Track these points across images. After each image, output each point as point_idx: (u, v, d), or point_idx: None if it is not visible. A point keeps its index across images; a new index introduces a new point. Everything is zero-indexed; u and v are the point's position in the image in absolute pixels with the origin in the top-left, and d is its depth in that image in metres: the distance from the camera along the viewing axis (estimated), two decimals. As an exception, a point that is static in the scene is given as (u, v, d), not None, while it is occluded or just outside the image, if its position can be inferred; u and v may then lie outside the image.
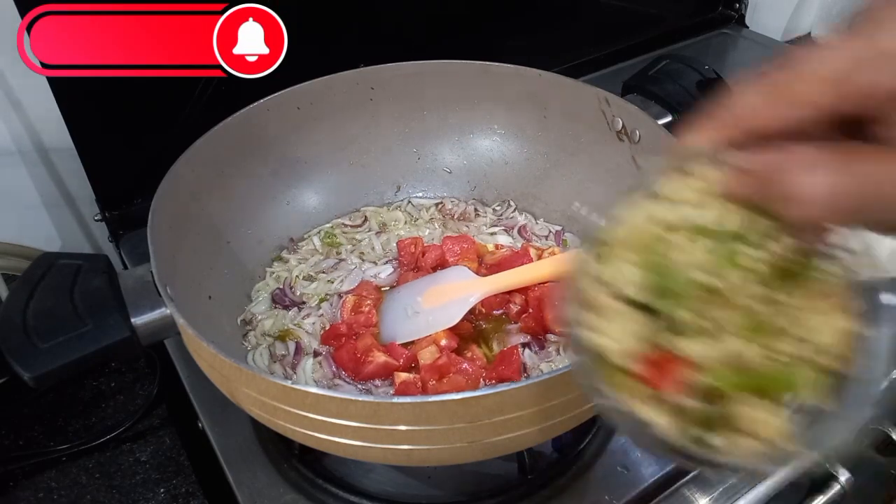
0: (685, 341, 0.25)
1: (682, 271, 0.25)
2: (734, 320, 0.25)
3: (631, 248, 0.26)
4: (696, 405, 0.25)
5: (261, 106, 0.61)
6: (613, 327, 0.26)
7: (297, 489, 0.52)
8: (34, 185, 0.73)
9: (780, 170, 0.23)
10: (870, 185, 0.21)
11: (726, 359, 0.25)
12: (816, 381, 0.25)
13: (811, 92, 0.22)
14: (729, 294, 0.25)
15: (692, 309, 0.25)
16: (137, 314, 0.46)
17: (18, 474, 0.58)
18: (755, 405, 0.25)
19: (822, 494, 0.68)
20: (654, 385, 0.25)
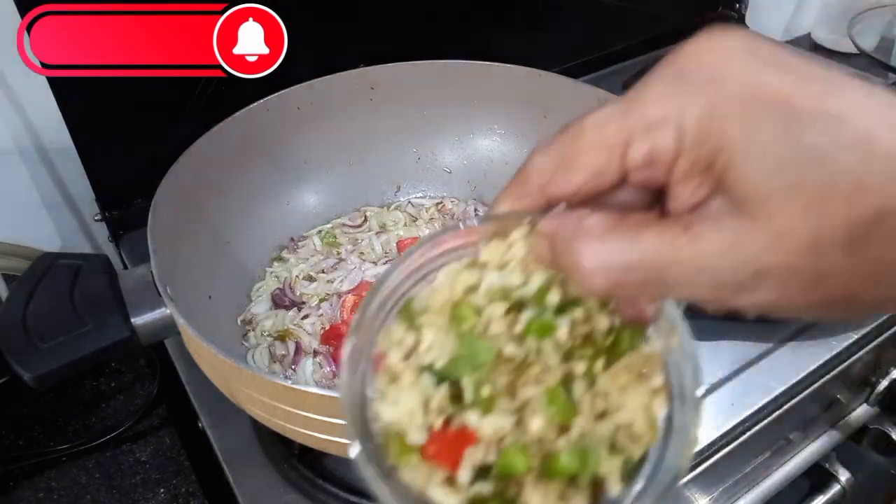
0: (481, 418, 0.23)
1: (488, 342, 0.24)
2: (537, 396, 0.23)
3: (441, 315, 0.25)
4: (487, 489, 0.23)
5: (261, 106, 0.61)
6: (406, 398, 0.24)
7: (297, 489, 0.52)
8: (34, 185, 0.73)
9: (564, 237, 0.22)
10: (648, 260, 0.21)
11: (522, 439, 0.23)
12: (615, 463, 0.24)
13: (592, 160, 0.22)
14: (535, 368, 0.24)
15: (494, 383, 0.23)
16: (137, 314, 0.46)
17: (18, 474, 0.58)
18: (545, 490, 0.23)
19: (822, 494, 0.68)
20: (444, 464, 0.23)
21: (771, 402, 0.58)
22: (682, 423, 0.24)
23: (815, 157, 0.19)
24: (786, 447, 0.65)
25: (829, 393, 0.64)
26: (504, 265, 0.25)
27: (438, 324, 0.25)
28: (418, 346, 0.25)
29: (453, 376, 0.24)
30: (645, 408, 0.24)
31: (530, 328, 0.24)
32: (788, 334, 0.63)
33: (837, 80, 0.19)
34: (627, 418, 0.24)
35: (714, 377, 0.59)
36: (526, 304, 0.24)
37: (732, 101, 0.20)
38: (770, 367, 0.60)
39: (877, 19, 1.04)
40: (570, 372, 0.24)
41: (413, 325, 0.25)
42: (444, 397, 0.24)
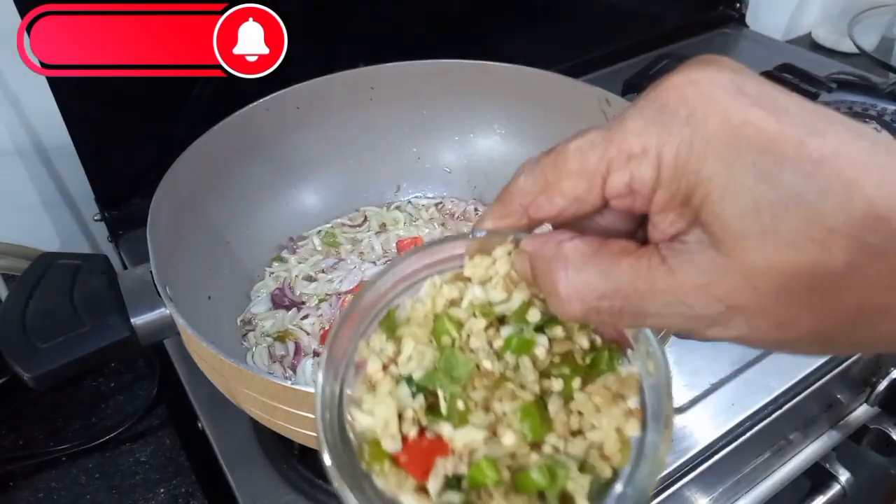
0: (454, 430, 0.24)
1: (467, 355, 0.24)
2: (512, 411, 0.24)
3: (422, 327, 0.25)
4: (457, 499, 0.23)
5: (260, 106, 0.61)
6: (383, 406, 0.24)
7: (296, 489, 0.52)
8: (33, 184, 0.73)
9: (544, 258, 0.23)
10: (624, 290, 0.21)
11: (494, 452, 0.23)
12: (585, 481, 0.24)
13: (573, 187, 0.22)
14: (512, 383, 0.24)
15: (470, 397, 0.24)
16: (137, 314, 0.46)
17: (18, 474, 0.58)
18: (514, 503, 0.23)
19: (822, 495, 0.68)
20: (416, 473, 0.24)
21: (771, 402, 0.58)
22: (652, 447, 0.24)
23: (792, 201, 0.19)
24: (786, 447, 0.65)
25: (830, 393, 0.64)
26: (487, 281, 0.25)
27: (419, 335, 0.25)
28: (398, 357, 0.25)
29: (430, 388, 0.24)
30: (618, 429, 0.24)
31: (509, 344, 0.24)
32: (788, 334, 0.63)
33: (823, 121, 0.19)
34: (600, 438, 0.24)
35: (714, 377, 0.59)
36: (506, 321, 0.24)
37: (712, 139, 0.20)
38: (770, 366, 0.60)
39: (877, 19, 1.04)
40: (546, 389, 0.24)
41: (394, 335, 0.25)
42: (420, 408, 0.24)
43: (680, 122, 0.20)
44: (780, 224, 0.19)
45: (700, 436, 0.55)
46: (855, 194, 0.18)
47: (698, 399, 0.58)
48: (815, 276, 0.19)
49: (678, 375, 0.60)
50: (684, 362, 0.61)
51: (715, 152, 0.19)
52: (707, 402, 0.57)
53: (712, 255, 0.20)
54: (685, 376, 0.60)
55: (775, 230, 0.19)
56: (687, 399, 0.58)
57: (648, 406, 0.24)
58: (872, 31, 1.03)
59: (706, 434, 0.55)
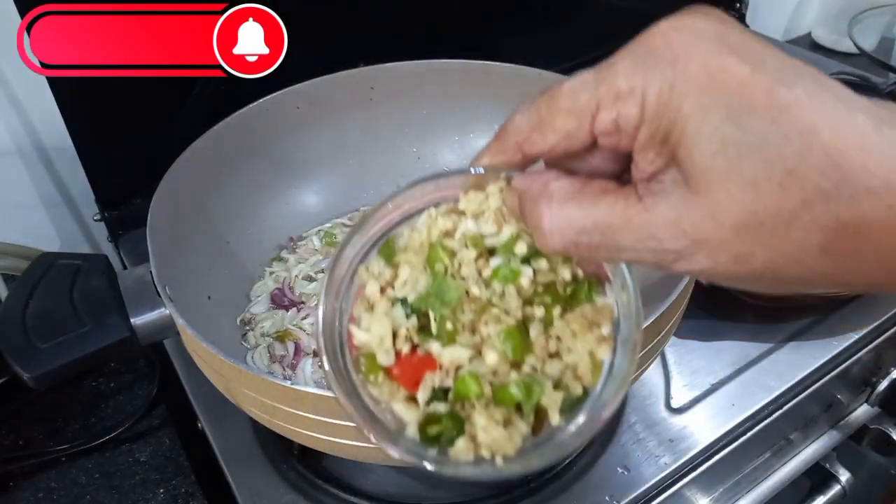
0: (443, 348, 0.26)
1: (457, 282, 0.26)
2: (496, 334, 0.26)
3: (418, 254, 0.27)
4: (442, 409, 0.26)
5: (260, 106, 0.61)
6: (379, 324, 0.27)
7: (296, 490, 0.52)
8: (33, 184, 0.73)
9: (531, 196, 0.25)
10: (601, 225, 0.23)
11: (477, 369, 0.26)
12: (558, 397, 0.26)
13: (564, 124, 0.24)
14: (497, 309, 0.26)
15: (458, 319, 0.26)
16: (137, 314, 0.46)
17: (18, 474, 0.58)
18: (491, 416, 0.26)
19: (822, 495, 0.68)
20: (406, 384, 0.27)
21: (771, 402, 0.58)
22: (620, 370, 0.26)
23: (756, 143, 0.20)
24: (786, 447, 0.65)
25: (830, 393, 0.64)
26: (479, 215, 0.27)
27: (415, 262, 0.27)
28: (395, 281, 0.28)
29: (423, 309, 0.27)
30: (591, 353, 0.26)
31: (497, 273, 0.26)
32: (789, 334, 0.63)
33: (793, 73, 0.21)
34: (574, 360, 0.26)
35: (714, 377, 0.59)
36: (496, 252, 0.27)
37: (691, 81, 0.21)
38: (770, 367, 0.60)
39: (877, 19, 1.04)
40: (528, 315, 0.27)
41: (391, 261, 0.28)
42: (412, 327, 0.27)
43: (664, 65, 0.22)
44: (744, 165, 0.21)
45: (700, 436, 0.55)
46: (813, 141, 0.20)
47: (698, 399, 0.58)
48: (770, 214, 0.21)
49: (678, 376, 0.60)
50: (684, 362, 0.61)
51: (693, 94, 0.21)
52: (707, 402, 0.57)
53: (683, 193, 0.22)
54: (685, 376, 0.60)
55: (739, 170, 0.21)
56: (687, 399, 0.58)
57: (620, 334, 0.27)
58: (872, 31, 1.03)
59: (706, 434, 0.55)
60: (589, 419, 0.26)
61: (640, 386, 0.59)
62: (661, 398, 0.58)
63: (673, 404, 0.57)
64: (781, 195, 0.20)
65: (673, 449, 0.54)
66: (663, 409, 0.57)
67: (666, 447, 0.54)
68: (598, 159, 0.25)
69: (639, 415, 0.56)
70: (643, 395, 0.58)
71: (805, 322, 0.64)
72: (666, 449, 0.54)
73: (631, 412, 0.57)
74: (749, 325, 0.64)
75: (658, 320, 0.41)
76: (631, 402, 0.58)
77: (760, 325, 0.63)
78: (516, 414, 0.26)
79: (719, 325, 0.63)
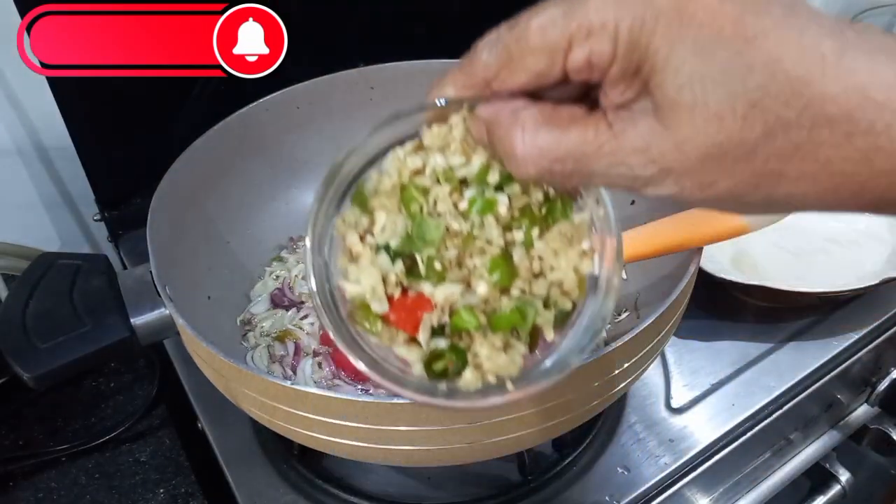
0: (434, 288, 0.27)
1: (435, 219, 0.27)
2: (482, 265, 0.27)
3: (391, 197, 0.28)
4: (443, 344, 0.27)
5: (260, 105, 0.61)
6: (367, 275, 0.27)
7: (296, 490, 0.52)
8: (33, 184, 0.73)
9: (500, 124, 0.25)
10: (577, 151, 0.24)
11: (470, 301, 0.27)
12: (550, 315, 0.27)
13: (536, 63, 0.24)
14: (479, 240, 0.27)
15: (443, 255, 0.27)
16: (137, 314, 0.46)
17: (18, 474, 0.58)
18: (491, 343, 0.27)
19: (822, 495, 0.68)
20: (405, 328, 0.27)
21: (771, 402, 0.58)
22: (606, 280, 0.27)
23: (720, 77, 0.21)
24: (786, 447, 0.65)
25: (830, 393, 0.64)
26: (446, 147, 0.27)
27: (389, 206, 0.27)
28: (373, 228, 0.28)
29: (407, 252, 0.27)
30: (575, 268, 0.27)
31: (474, 205, 0.27)
32: (789, 334, 0.63)
33: (763, 1, 0.21)
34: (559, 277, 0.27)
35: (714, 377, 0.59)
36: (468, 183, 0.27)
37: (661, 15, 0.22)
38: (770, 367, 0.60)
39: (877, 19, 1.03)
40: (509, 241, 0.27)
41: (366, 208, 0.28)
42: (400, 272, 0.27)
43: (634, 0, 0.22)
44: (709, 98, 0.21)
45: (700, 436, 0.55)
46: (777, 71, 0.21)
47: (698, 399, 0.58)
48: (733, 145, 0.22)
49: (678, 376, 0.60)
50: (684, 362, 0.61)
51: (662, 27, 0.22)
52: (707, 402, 0.57)
53: (651, 123, 0.23)
54: (685, 376, 0.60)
55: (705, 104, 0.21)
56: (687, 399, 0.58)
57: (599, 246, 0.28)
58: (873, 31, 1.03)
59: (706, 434, 0.55)
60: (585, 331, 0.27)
61: (641, 386, 0.59)
62: (661, 398, 0.58)
63: (673, 404, 0.57)
64: (745, 127, 0.21)
65: (673, 449, 0.54)
66: (663, 409, 0.57)
67: (666, 447, 0.54)
68: (566, 89, 0.26)
69: (639, 415, 0.56)
70: (643, 395, 0.58)
71: (805, 322, 0.64)
72: (666, 449, 0.54)
73: (631, 412, 0.57)
74: (749, 325, 0.64)
75: (658, 320, 0.41)
76: (631, 402, 0.58)
77: (760, 326, 0.63)
78: (513, 337, 0.27)
79: (719, 325, 0.63)
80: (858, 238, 0.68)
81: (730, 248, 0.67)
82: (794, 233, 0.69)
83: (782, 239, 0.69)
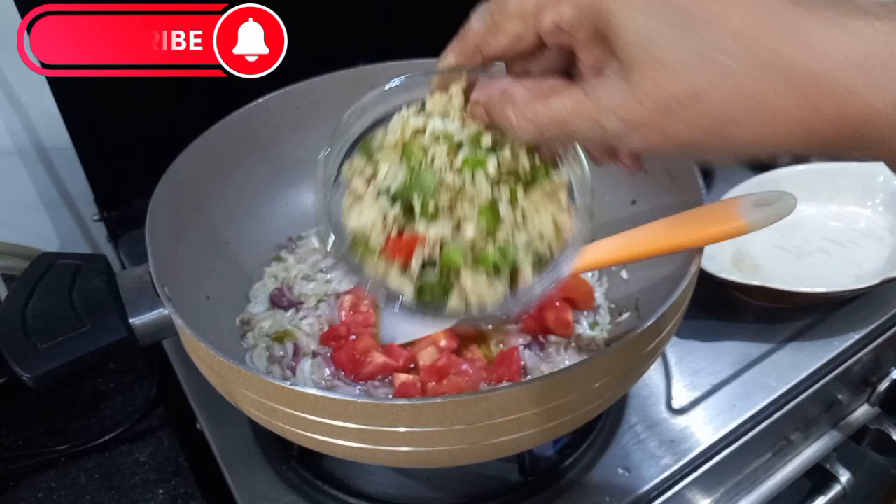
0: (427, 226, 0.32)
1: (432, 172, 0.32)
2: (471, 211, 0.32)
3: (395, 151, 0.33)
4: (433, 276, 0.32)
5: (260, 105, 0.61)
6: (369, 211, 0.32)
7: (296, 490, 0.52)
8: (33, 185, 0.73)
9: (495, 104, 0.30)
10: (559, 117, 0.28)
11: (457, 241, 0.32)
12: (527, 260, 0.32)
13: (513, 27, 0.29)
14: (468, 191, 0.32)
15: (436, 202, 0.32)
16: (136, 314, 0.46)
17: (18, 474, 0.58)
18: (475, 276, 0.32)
19: (822, 495, 0.68)
20: (399, 259, 0.32)
21: (772, 402, 0.57)
22: (580, 232, 0.33)
23: (670, 32, 0.24)
24: (787, 448, 0.65)
25: (830, 393, 0.64)
26: (446, 113, 0.32)
27: (392, 158, 0.33)
28: (376, 176, 0.33)
29: (405, 196, 0.32)
30: (554, 221, 0.33)
31: (467, 162, 0.32)
32: (789, 335, 0.63)
33: None
34: (540, 227, 0.32)
35: (715, 378, 0.59)
36: (463, 145, 0.32)
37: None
38: (771, 367, 0.60)
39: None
40: (496, 196, 0.32)
41: (371, 159, 0.33)
42: (398, 213, 0.32)
43: None
44: (662, 53, 0.24)
45: (701, 437, 0.55)
46: (726, 25, 0.23)
47: (699, 400, 0.57)
48: (683, 94, 0.24)
49: (679, 376, 0.60)
50: (685, 363, 0.61)
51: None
52: (708, 403, 0.57)
53: (618, 83, 0.25)
54: (686, 377, 0.60)
55: (659, 58, 0.24)
56: (688, 400, 0.58)
57: (576, 201, 0.33)
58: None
59: (707, 435, 0.55)
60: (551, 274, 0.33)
61: (641, 386, 0.59)
62: (661, 399, 0.58)
63: (674, 405, 0.57)
64: (692, 76, 0.24)
65: (674, 450, 0.54)
66: (664, 409, 0.57)
67: (667, 448, 0.54)
68: (550, 59, 0.30)
69: (639, 415, 0.56)
70: (644, 396, 0.58)
71: (805, 322, 0.64)
72: (667, 450, 0.54)
73: (632, 413, 0.57)
74: (749, 325, 0.64)
75: (659, 321, 0.41)
76: (632, 402, 0.57)
77: (761, 326, 0.63)
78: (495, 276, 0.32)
79: (720, 326, 0.63)
80: (858, 238, 0.68)
81: (730, 249, 0.67)
82: (794, 233, 0.69)
83: (782, 239, 0.69)
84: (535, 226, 0.32)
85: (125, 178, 0.70)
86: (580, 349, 0.56)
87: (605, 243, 0.48)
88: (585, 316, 0.59)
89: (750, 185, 0.69)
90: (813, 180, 0.71)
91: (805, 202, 0.70)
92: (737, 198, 0.42)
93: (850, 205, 0.71)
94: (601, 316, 0.59)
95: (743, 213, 0.41)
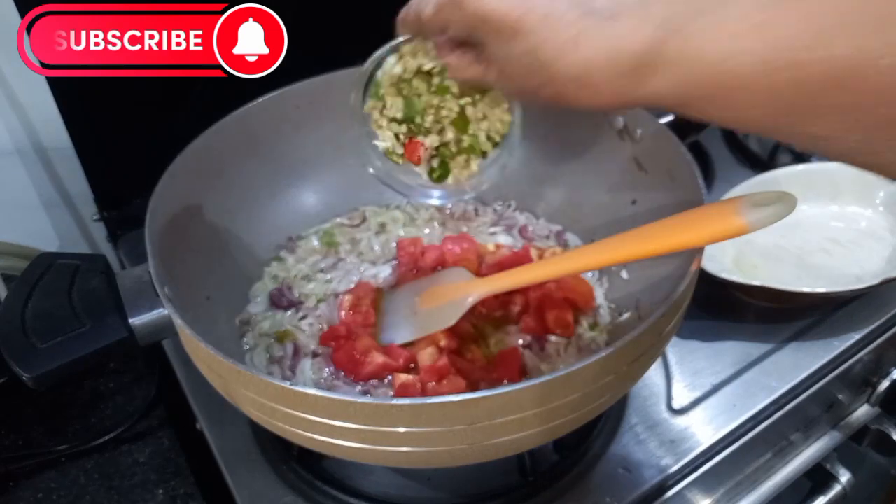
0: (426, 137, 0.49)
1: (420, 98, 0.47)
2: (449, 122, 0.48)
3: (392, 88, 0.48)
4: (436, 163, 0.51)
5: (259, 105, 0.61)
6: (387, 135, 0.50)
7: (295, 491, 0.52)
8: (33, 184, 0.73)
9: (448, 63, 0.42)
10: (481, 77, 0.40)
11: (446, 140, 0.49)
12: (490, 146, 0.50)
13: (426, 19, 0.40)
14: (445, 108, 0.48)
15: (426, 119, 0.48)
16: (135, 315, 0.46)
17: (18, 474, 0.58)
18: (461, 159, 0.50)
19: (822, 495, 0.68)
20: (412, 158, 0.50)
21: (772, 402, 0.57)
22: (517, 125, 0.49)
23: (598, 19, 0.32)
24: (787, 448, 0.65)
25: (831, 393, 0.64)
26: (417, 53, 0.46)
27: (392, 93, 0.48)
28: (385, 108, 0.49)
29: (407, 118, 0.48)
30: (500, 117, 0.49)
31: (439, 88, 0.47)
32: (790, 335, 0.63)
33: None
34: (493, 122, 0.49)
35: (716, 378, 0.59)
36: (434, 75, 0.47)
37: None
38: (771, 367, 0.60)
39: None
40: (464, 104, 0.48)
41: (379, 97, 0.49)
42: (404, 132, 0.49)
43: None
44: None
45: (701, 437, 0.55)
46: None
47: (700, 400, 0.57)
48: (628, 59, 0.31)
49: (679, 376, 0.60)
50: (685, 363, 0.61)
51: None
52: (708, 403, 0.57)
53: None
54: (686, 377, 0.59)
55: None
56: (688, 400, 0.58)
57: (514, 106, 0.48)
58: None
59: (707, 435, 0.55)
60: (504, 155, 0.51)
61: (642, 387, 0.59)
62: (662, 399, 0.58)
63: (674, 405, 0.57)
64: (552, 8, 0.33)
65: (674, 450, 0.54)
66: (664, 409, 0.57)
67: (667, 448, 0.54)
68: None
69: (640, 416, 0.56)
70: (644, 396, 0.58)
71: (806, 322, 0.63)
72: (667, 450, 0.54)
73: (632, 413, 0.57)
74: (750, 325, 0.64)
75: (659, 321, 0.41)
76: (632, 402, 0.57)
77: (761, 326, 0.63)
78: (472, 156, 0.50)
79: (720, 326, 0.63)
80: (858, 238, 0.68)
81: (731, 249, 0.67)
82: (794, 233, 0.69)
83: (783, 239, 0.69)
84: (491, 120, 0.48)
85: (125, 178, 0.70)
86: (580, 349, 0.56)
87: (606, 243, 0.48)
88: (585, 316, 0.59)
89: (750, 185, 0.69)
90: (813, 180, 0.71)
91: (805, 202, 0.70)
92: (737, 198, 0.42)
93: (851, 205, 0.71)
94: (601, 316, 0.59)
95: (743, 213, 0.41)
